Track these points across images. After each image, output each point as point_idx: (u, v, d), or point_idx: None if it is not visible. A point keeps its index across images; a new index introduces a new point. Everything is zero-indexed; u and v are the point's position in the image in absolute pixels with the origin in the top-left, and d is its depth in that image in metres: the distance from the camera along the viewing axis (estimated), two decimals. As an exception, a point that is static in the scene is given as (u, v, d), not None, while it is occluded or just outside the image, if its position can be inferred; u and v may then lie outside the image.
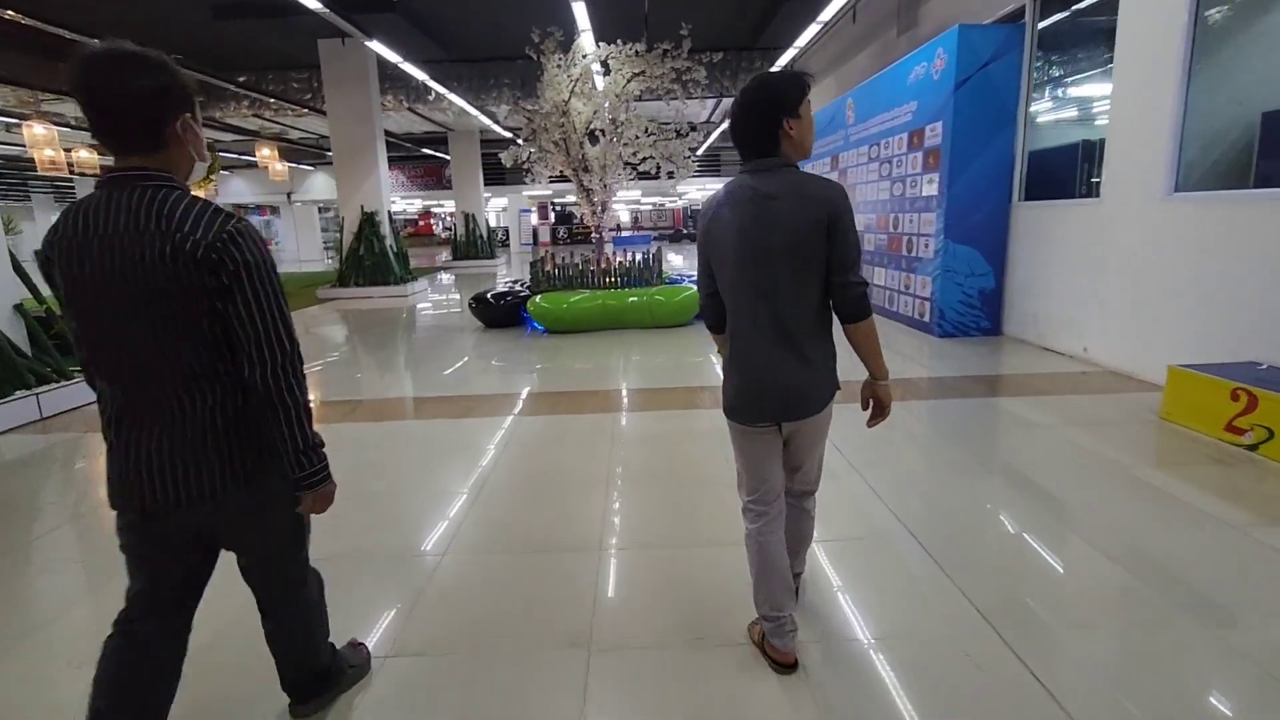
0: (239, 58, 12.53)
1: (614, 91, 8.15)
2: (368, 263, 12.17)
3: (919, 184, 6.82)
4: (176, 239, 1.23)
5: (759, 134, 1.68)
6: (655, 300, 7.52)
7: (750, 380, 1.76)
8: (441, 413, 4.66)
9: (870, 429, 1.94)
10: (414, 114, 15.96)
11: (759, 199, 1.65)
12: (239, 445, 1.38)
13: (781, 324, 1.70)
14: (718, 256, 1.76)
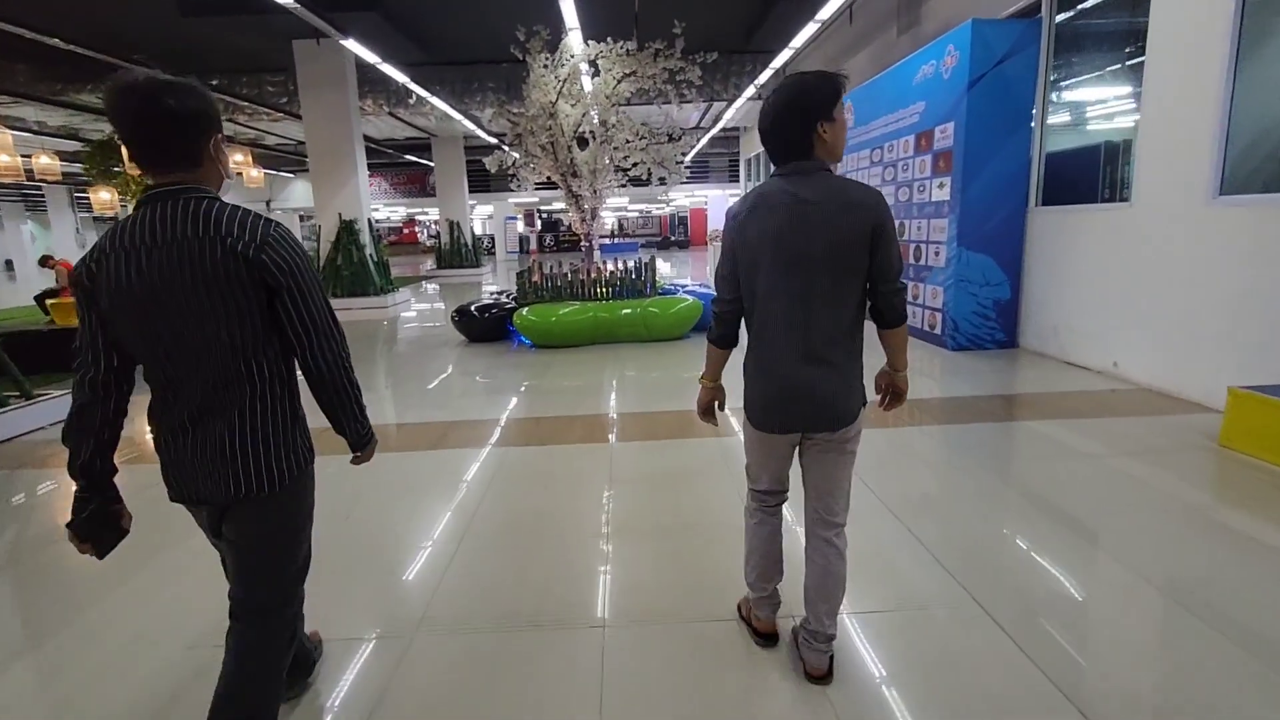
0: (210, 59, 12.01)
1: (604, 93, 7.74)
2: (346, 273, 11.65)
3: (928, 188, 6.46)
4: (228, 243, 1.34)
5: (793, 137, 1.63)
6: (650, 312, 7.09)
7: (782, 390, 1.72)
8: (417, 443, 4.19)
9: (890, 451, 1.59)
10: (395, 118, 15.47)
11: (796, 204, 1.60)
12: (298, 435, 1.53)
13: (817, 333, 1.66)
14: (749, 261, 1.70)
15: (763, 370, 1.75)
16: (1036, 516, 2.89)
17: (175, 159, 1.36)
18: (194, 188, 1.37)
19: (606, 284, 7.57)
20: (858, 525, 2.05)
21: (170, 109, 1.32)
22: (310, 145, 11.53)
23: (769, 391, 1.75)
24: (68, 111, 12.63)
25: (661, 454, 3.77)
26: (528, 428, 4.37)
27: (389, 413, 4.94)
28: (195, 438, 1.41)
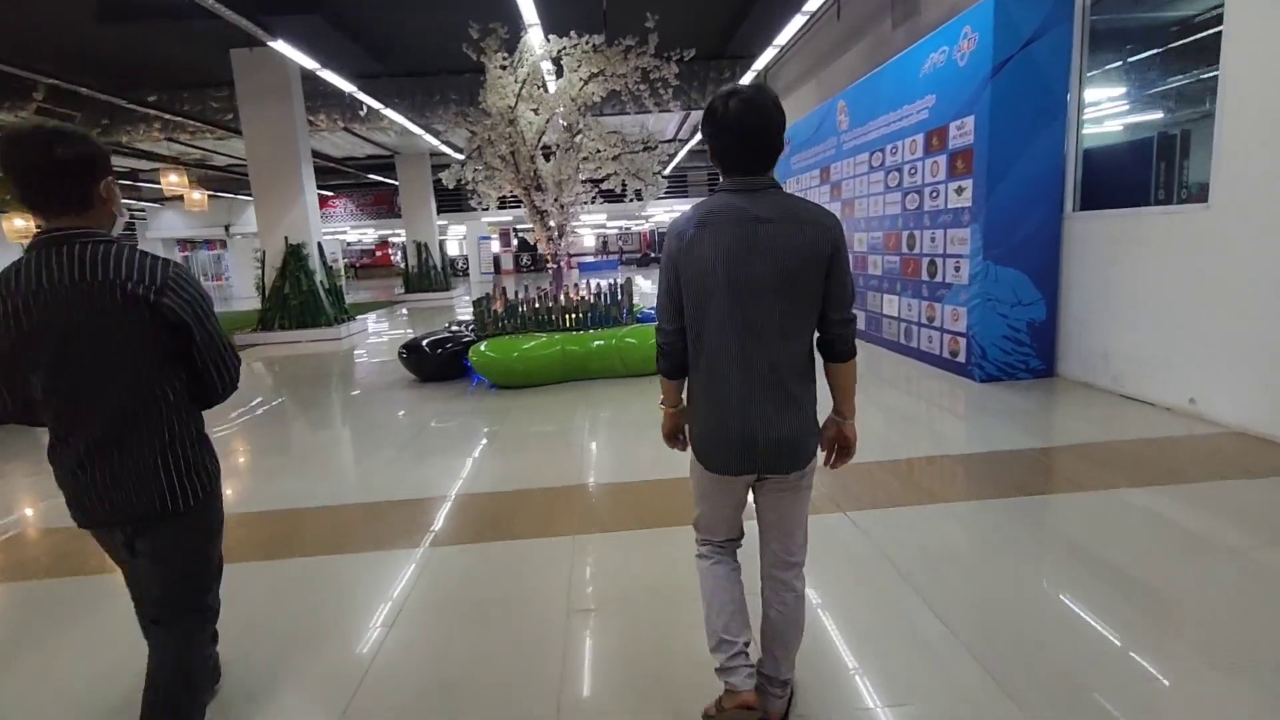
0: (143, 73, 10.98)
1: (569, 95, 6.84)
2: (294, 302, 10.59)
3: (943, 193, 5.61)
4: (128, 287, 1.41)
5: (766, 149, 1.49)
6: (625, 344, 6.13)
7: (736, 428, 1.52)
8: (323, 541, 3.17)
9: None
10: (352, 134, 14.49)
11: (750, 221, 1.45)
12: (205, 454, 1.62)
13: (774, 366, 1.50)
14: (697, 287, 1.50)
15: (716, 408, 1.55)
16: (1205, 673, 1.94)
17: (66, 204, 1.43)
18: (85, 231, 1.44)
19: (578, 310, 6.62)
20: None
21: (59, 158, 1.39)
22: (251, 163, 10.52)
23: (725, 431, 1.55)
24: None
25: (647, 552, 2.80)
26: (465, 513, 3.37)
27: (304, 487, 3.92)
28: (103, 467, 1.47)
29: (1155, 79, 4.68)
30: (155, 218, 24.01)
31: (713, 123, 1.49)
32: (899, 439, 4.14)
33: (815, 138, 8.75)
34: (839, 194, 7.97)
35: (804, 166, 9.26)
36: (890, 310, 6.72)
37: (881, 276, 6.87)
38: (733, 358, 1.50)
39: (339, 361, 8.70)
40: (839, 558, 2.66)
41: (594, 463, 3.98)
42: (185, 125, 12.28)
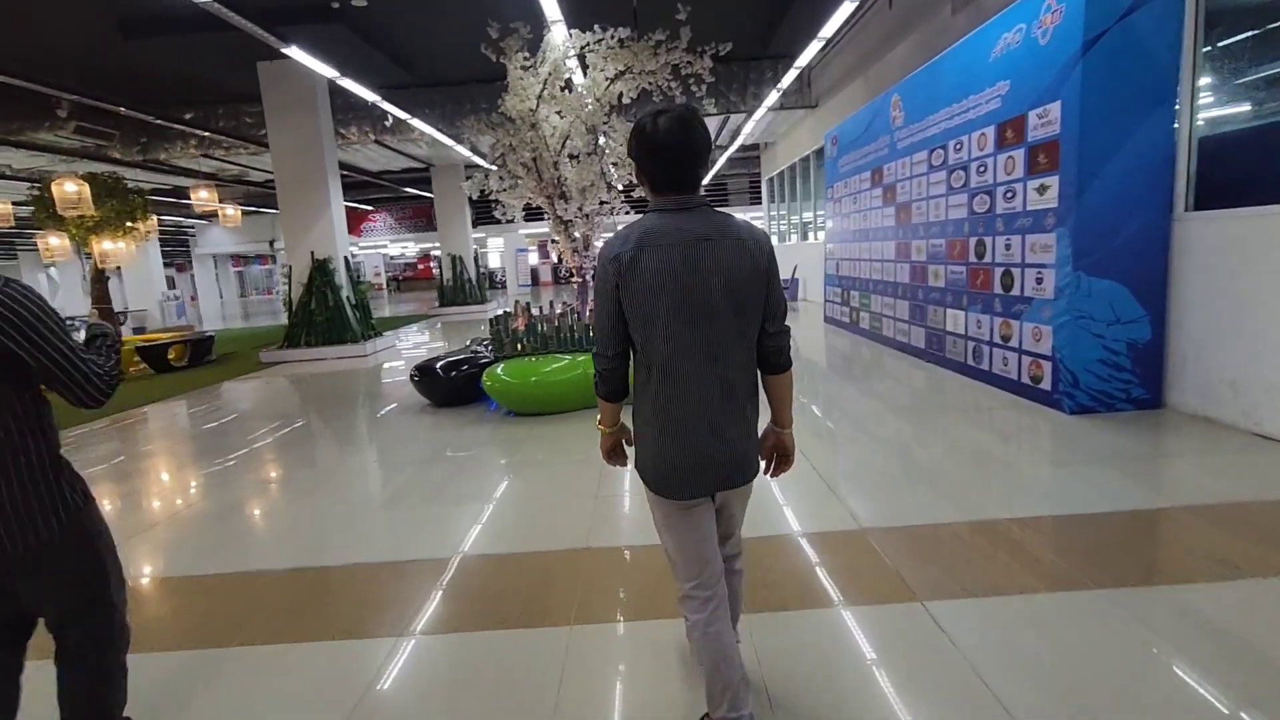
0: (177, 91, 10.97)
1: (594, 94, 6.30)
2: (320, 319, 10.33)
3: (1020, 193, 4.84)
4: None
5: (697, 166, 1.50)
6: (655, 366, 5.52)
7: (695, 451, 1.51)
8: (280, 620, 2.63)
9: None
10: (384, 147, 14.33)
11: (692, 241, 1.44)
12: (63, 481, 1.55)
13: (729, 384, 1.52)
14: (643, 310, 1.46)
15: (674, 430, 1.50)
16: None
17: None
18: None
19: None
20: None
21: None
22: (278, 176, 10.33)
23: (679, 456, 1.51)
24: (28, 153, 11.68)
25: (660, 655, 2.17)
26: (468, 586, 2.80)
27: (252, 544, 3.41)
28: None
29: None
30: (203, 234, 24.54)
31: (644, 141, 1.47)
32: (976, 489, 3.41)
33: (865, 137, 8.02)
34: (893, 197, 7.22)
35: (853, 169, 8.53)
36: (955, 327, 5.94)
37: (944, 289, 6.10)
38: (689, 378, 1.47)
39: (359, 381, 8.32)
40: (914, 665, 1.99)
41: (607, 517, 3.37)
42: (220, 141, 12.27)
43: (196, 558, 3.21)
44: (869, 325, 8.21)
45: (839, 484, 3.56)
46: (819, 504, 3.31)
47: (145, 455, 5.27)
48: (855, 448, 4.28)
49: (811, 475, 3.69)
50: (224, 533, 3.56)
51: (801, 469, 3.80)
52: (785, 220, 16.34)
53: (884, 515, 3.12)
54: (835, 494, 3.41)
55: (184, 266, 32.83)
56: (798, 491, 3.47)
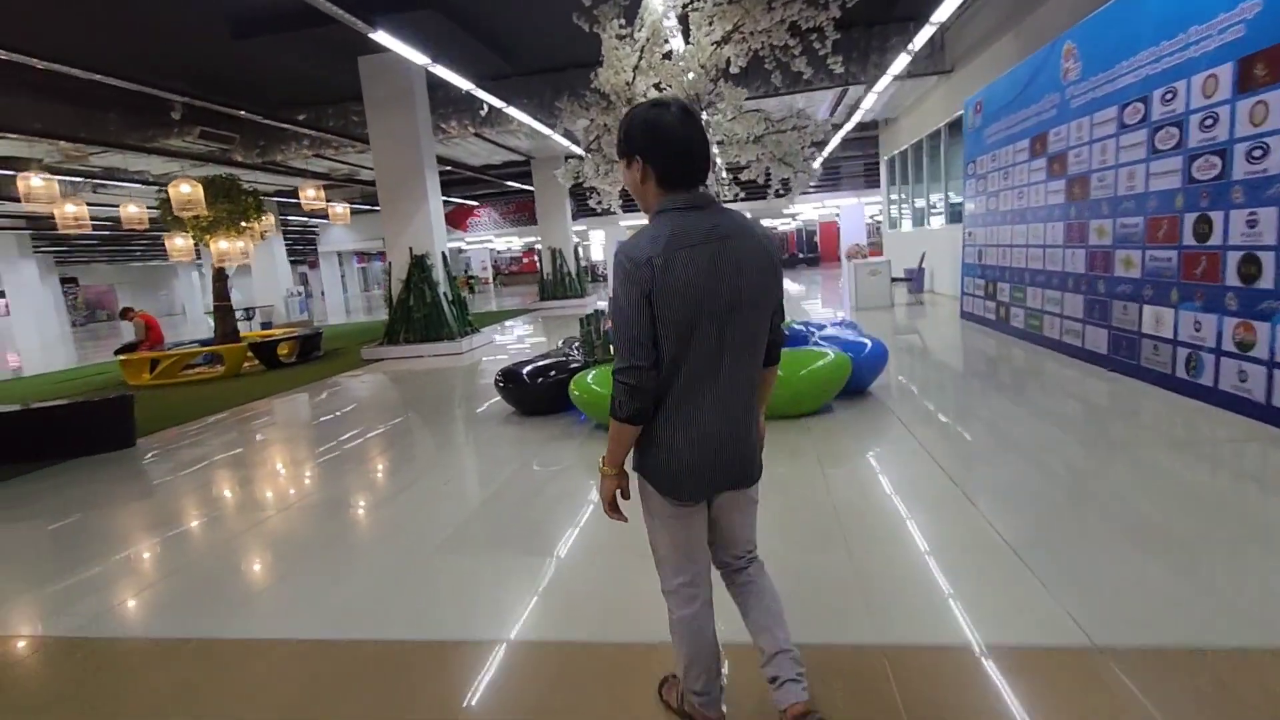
0: (285, 90, 11.21)
1: (698, 61, 5.49)
2: (418, 315, 10.20)
3: (1275, 151, 3.58)
4: None
5: (706, 160, 1.47)
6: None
7: (714, 454, 1.48)
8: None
9: None
10: (484, 140, 14.18)
11: (717, 240, 1.41)
12: None
13: (751, 383, 1.52)
14: (679, 315, 1.39)
15: (696, 437, 1.46)
16: None
17: None
18: None
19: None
20: None
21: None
22: (378, 171, 10.28)
23: (699, 460, 1.48)
24: (163, 159, 12.40)
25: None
26: (505, 683, 2.13)
27: (318, 597, 2.91)
28: None
29: None
30: (325, 233, 25.92)
31: (655, 131, 1.42)
32: (1255, 578, 2.34)
33: (1022, 99, 6.70)
34: (1062, 168, 5.92)
35: (1003, 138, 7.21)
36: (1157, 328, 4.66)
37: (1140, 280, 4.82)
38: (719, 380, 1.45)
39: (450, 381, 8.00)
40: None
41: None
42: (330, 141, 12.52)
43: (215, 611, 2.75)
44: (1023, 323, 6.90)
45: (1036, 559, 2.54)
46: (1014, 596, 2.32)
47: (214, 465, 5.06)
48: (1041, 495, 3.24)
49: (991, 541, 2.73)
50: (261, 563, 3.10)
51: (971, 528, 2.85)
52: (909, 203, 14.78)
53: (1127, 623, 2.10)
54: (1035, 576, 2.42)
55: (315, 263, 35.12)
56: (973, 569, 2.53)
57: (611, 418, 1.44)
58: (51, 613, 2.77)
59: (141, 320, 10.49)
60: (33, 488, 4.65)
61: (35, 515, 4.07)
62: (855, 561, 2.63)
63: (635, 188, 1.47)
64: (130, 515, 3.99)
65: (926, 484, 3.40)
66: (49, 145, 10.53)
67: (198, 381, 9.43)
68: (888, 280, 10.81)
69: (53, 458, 5.24)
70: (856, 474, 3.67)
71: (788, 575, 2.30)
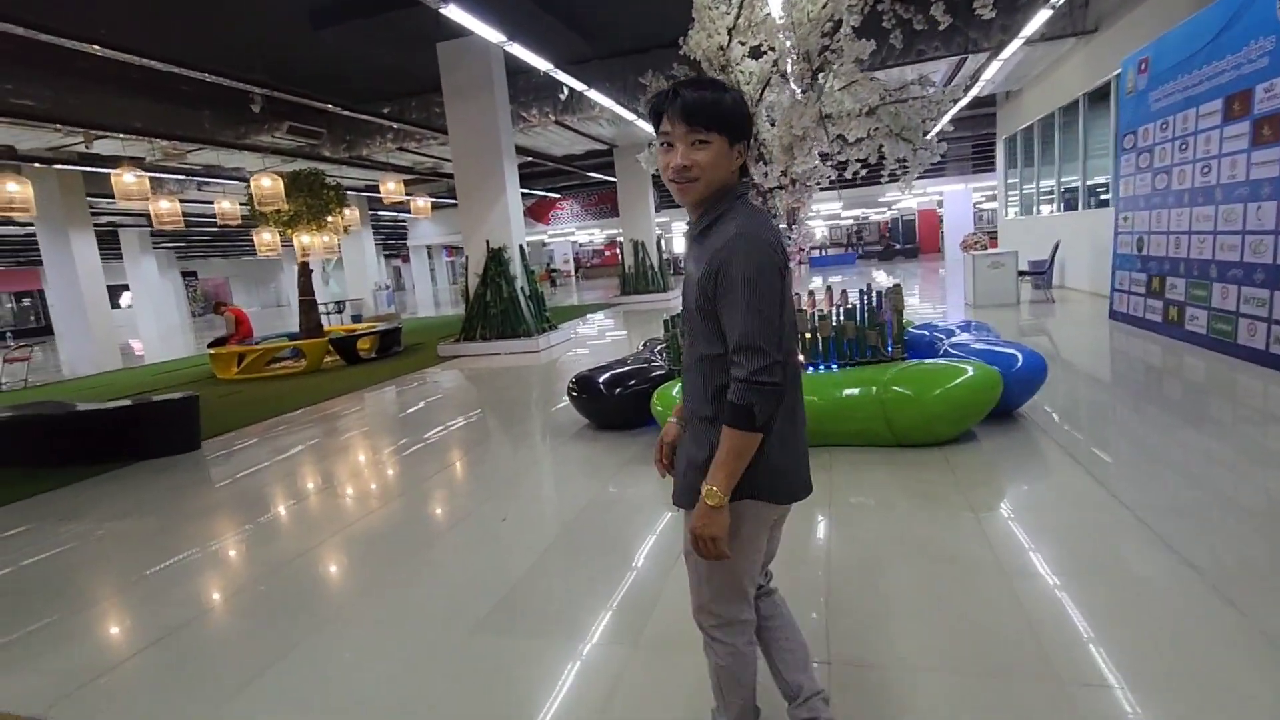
0: (375, 85, 11.10)
1: (805, 15, 4.63)
2: (494, 310, 9.80)
3: None
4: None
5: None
6: (895, 394, 3.78)
7: (803, 450, 1.43)
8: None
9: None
10: (565, 128, 13.69)
11: (777, 228, 1.56)
12: None
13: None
14: (788, 298, 1.34)
15: (794, 430, 1.39)
16: None
17: None
18: None
19: (814, 332, 4.41)
20: None
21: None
22: (456, 162, 9.94)
23: (795, 460, 1.40)
24: (257, 155, 12.64)
25: None
26: None
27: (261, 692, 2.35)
28: None
29: None
30: (414, 227, 26.45)
31: (745, 114, 1.34)
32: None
33: (1212, 51, 5.41)
34: (1275, 132, 4.66)
35: (1179, 101, 5.91)
36: None
37: None
38: (797, 369, 1.41)
39: (522, 383, 7.50)
40: None
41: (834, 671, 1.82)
42: (413, 134, 12.38)
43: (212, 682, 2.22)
44: (1206, 328, 5.61)
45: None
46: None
47: (265, 476, 4.69)
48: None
49: (1240, 632, 1.81)
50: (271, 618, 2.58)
51: (1205, 613, 1.92)
52: (1032, 186, 13.14)
53: None
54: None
55: (407, 257, 36.23)
56: (1221, 679, 1.63)
57: (737, 429, 1.24)
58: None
59: (231, 314, 10.65)
60: (54, 502, 4.42)
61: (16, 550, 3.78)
62: (1048, 659, 1.78)
63: (726, 170, 1.33)
64: (143, 546, 3.62)
65: (1132, 548, 2.47)
66: (149, 144, 10.82)
67: (280, 376, 9.40)
68: (1013, 274, 9.47)
69: (112, 461, 5.05)
70: (1028, 528, 2.76)
71: (963, 673, 1.49)
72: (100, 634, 2.64)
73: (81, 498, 4.37)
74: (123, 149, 10.32)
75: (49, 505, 4.26)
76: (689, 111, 1.28)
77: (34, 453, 5.14)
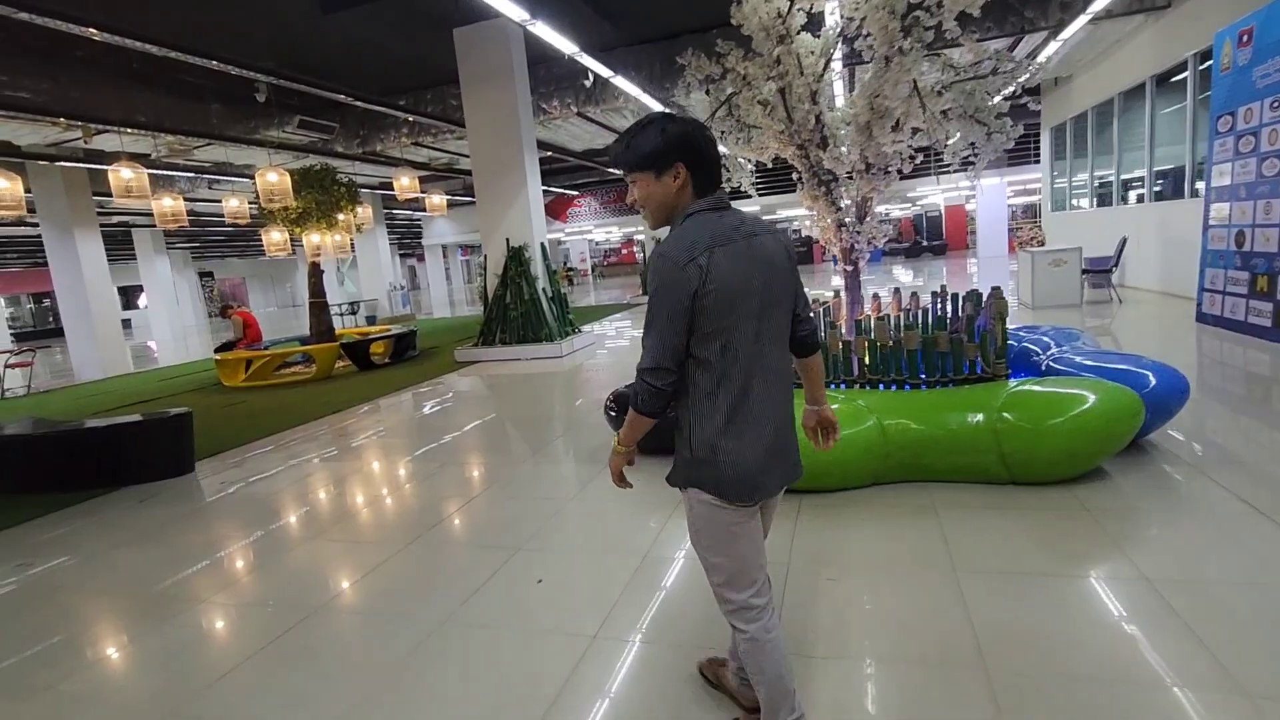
0: (389, 76, 10.54)
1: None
2: (514, 312, 9.20)
3: None
4: None
5: (721, 167, 1.57)
6: (1007, 423, 3.10)
7: (767, 450, 1.51)
8: None
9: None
10: (587, 120, 13.06)
11: (746, 238, 1.47)
12: None
13: (787, 375, 1.59)
14: (725, 312, 1.43)
15: (750, 435, 1.48)
16: None
17: None
18: None
19: (896, 342, 3.73)
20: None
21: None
22: (474, 155, 9.35)
23: (766, 454, 1.50)
24: (267, 152, 12.15)
25: None
26: None
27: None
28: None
29: None
30: (429, 225, 25.97)
31: (690, 143, 1.47)
32: None
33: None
34: None
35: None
36: None
37: None
38: (762, 375, 1.49)
39: (547, 393, 6.89)
40: None
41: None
42: (429, 128, 11.84)
43: None
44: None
45: None
46: None
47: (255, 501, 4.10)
48: None
49: None
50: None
51: None
52: (1086, 178, 12.31)
53: None
54: None
55: (423, 257, 35.83)
56: None
57: (631, 408, 1.51)
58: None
59: (239, 317, 10.14)
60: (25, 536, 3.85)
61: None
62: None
63: (665, 196, 1.49)
64: (100, 594, 3.03)
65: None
66: (154, 139, 10.35)
67: (288, 384, 8.87)
68: (1076, 272, 8.71)
69: (89, 487, 4.49)
70: (1234, 611, 2.09)
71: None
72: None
73: (33, 538, 3.80)
74: (123, 145, 9.81)
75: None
76: (616, 163, 1.54)
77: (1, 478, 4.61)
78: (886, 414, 3.29)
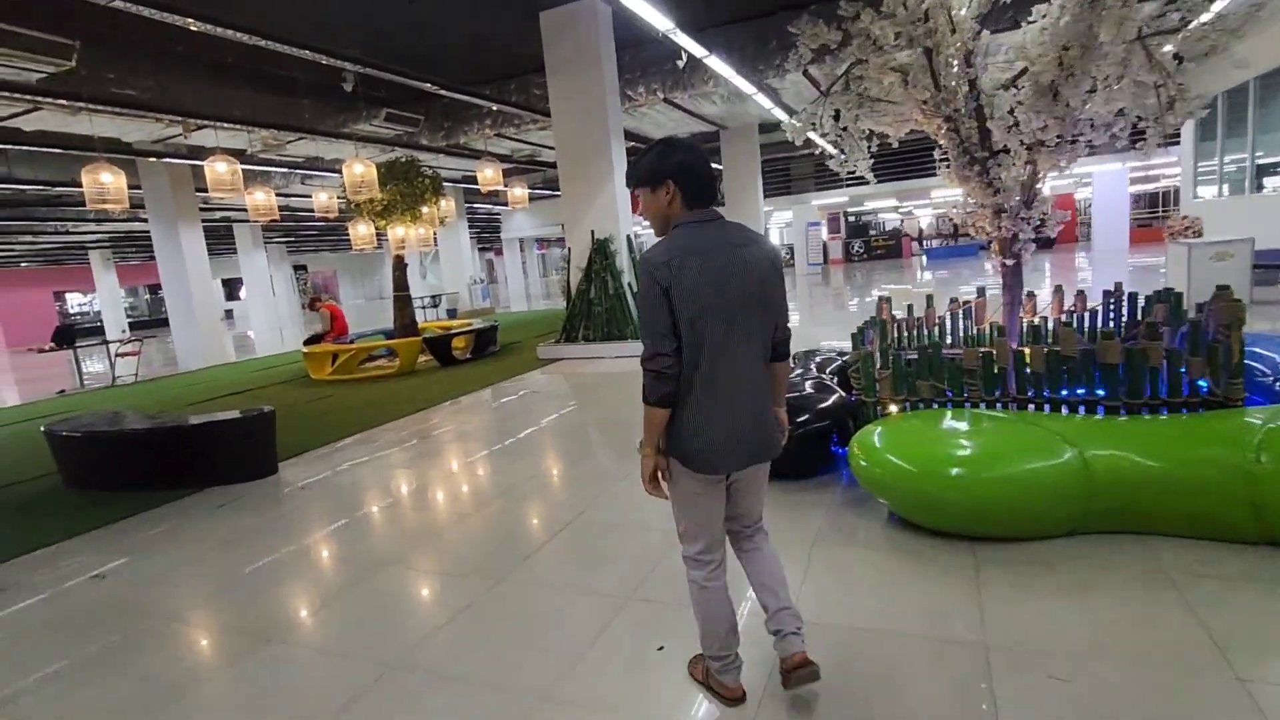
0: (474, 64, 10.32)
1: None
2: (599, 308, 8.79)
3: None
4: None
5: (716, 182, 1.87)
6: (1270, 469, 2.36)
7: (737, 429, 1.74)
8: None
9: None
10: (674, 106, 12.52)
11: (729, 247, 1.70)
12: None
13: (761, 370, 1.78)
14: (693, 306, 1.66)
15: (717, 417, 1.72)
16: None
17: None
18: None
19: (1086, 358, 3.01)
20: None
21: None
22: (558, 145, 8.98)
23: (723, 435, 1.73)
24: (355, 144, 12.24)
25: None
26: None
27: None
28: None
29: None
30: (508, 220, 26.11)
31: (681, 161, 1.73)
32: None
33: None
34: None
35: None
36: None
37: None
38: (733, 368, 1.71)
39: (633, 397, 6.41)
40: None
41: None
42: (512, 118, 11.59)
43: None
44: None
45: None
46: None
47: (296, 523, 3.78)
48: None
49: None
50: None
51: None
52: (1243, 155, 10.77)
53: None
54: None
55: (500, 251, 36.30)
56: None
57: (644, 403, 1.71)
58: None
59: (326, 310, 10.19)
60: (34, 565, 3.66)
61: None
62: None
63: (658, 210, 1.76)
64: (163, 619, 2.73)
65: None
66: (248, 134, 10.51)
67: (372, 379, 8.79)
68: (1246, 266, 7.50)
69: (169, 488, 4.33)
70: None
71: None
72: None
73: (90, 551, 3.62)
74: (219, 140, 9.98)
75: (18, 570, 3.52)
76: (626, 179, 1.86)
77: (77, 474, 4.53)
78: (1090, 444, 2.59)
